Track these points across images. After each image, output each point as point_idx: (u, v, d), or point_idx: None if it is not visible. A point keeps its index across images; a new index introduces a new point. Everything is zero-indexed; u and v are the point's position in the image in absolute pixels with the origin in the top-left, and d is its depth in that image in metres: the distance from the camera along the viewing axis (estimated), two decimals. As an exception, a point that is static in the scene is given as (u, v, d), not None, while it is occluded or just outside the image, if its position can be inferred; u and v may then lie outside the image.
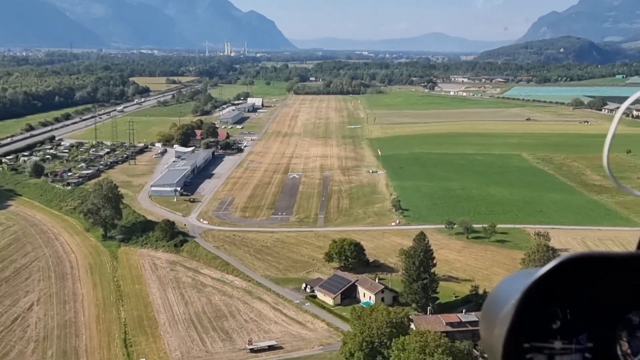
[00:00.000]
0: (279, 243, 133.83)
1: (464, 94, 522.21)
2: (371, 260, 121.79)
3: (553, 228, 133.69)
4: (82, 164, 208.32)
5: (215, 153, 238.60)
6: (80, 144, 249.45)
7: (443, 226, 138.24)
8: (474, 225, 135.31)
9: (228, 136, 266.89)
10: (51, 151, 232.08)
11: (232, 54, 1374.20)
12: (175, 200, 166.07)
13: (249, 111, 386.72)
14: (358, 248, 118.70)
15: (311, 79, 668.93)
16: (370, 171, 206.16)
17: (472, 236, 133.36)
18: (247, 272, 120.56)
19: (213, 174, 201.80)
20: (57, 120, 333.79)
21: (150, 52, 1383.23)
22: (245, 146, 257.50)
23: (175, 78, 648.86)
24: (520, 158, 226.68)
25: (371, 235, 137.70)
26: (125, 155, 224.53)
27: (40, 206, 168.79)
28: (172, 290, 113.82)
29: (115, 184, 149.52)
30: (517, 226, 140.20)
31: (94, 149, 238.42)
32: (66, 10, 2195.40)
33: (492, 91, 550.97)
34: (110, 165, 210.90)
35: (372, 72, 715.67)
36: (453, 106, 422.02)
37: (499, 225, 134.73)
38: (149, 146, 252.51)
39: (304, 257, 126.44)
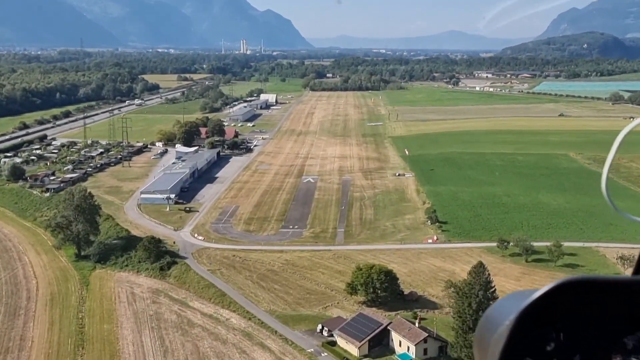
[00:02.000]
0: (289, 266, 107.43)
1: (491, 89, 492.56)
2: (406, 292, 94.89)
3: (633, 247, 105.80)
4: (69, 166, 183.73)
5: (221, 153, 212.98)
6: (73, 144, 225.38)
7: (493, 245, 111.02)
8: (534, 244, 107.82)
9: (236, 135, 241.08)
10: (38, 151, 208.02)
11: (248, 52, 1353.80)
12: (167, 209, 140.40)
13: (261, 108, 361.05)
14: (390, 278, 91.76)
15: (328, 75, 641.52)
16: (397, 174, 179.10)
17: (533, 258, 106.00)
18: (247, 306, 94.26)
19: (216, 178, 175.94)
20: (56, 118, 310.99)
21: (166, 50, 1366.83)
22: (255, 146, 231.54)
23: (187, 75, 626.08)
24: (568, 158, 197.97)
25: (403, 255, 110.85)
26: (120, 156, 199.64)
27: (12, 216, 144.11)
28: (150, 332, 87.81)
29: (89, 193, 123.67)
30: (586, 244, 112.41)
31: (86, 149, 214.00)
32: (84, 10, 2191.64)
33: (520, 86, 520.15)
34: (101, 168, 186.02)
35: (392, 68, 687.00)
36: (481, 102, 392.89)
37: (564, 244, 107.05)
38: (149, 146, 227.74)
39: (319, 287, 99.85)
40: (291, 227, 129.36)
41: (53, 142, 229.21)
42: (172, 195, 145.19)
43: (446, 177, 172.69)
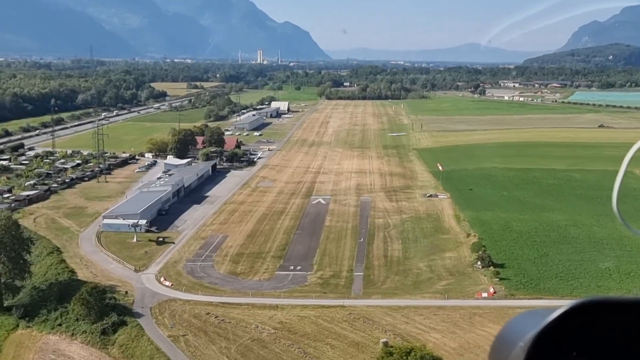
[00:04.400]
0: (285, 333, 74.41)
1: (521, 98, 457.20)
2: (461, 389, 61.50)
3: None
4: (33, 181, 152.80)
5: (218, 166, 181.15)
6: (50, 154, 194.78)
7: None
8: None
9: (238, 145, 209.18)
10: (5, 163, 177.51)
11: (265, 62, 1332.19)
12: (134, 240, 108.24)
13: (271, 116, 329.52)
14: (437, 371, 58.43)
15: (345, 84, 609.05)
16: (428, 195, 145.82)
17: None
18: (216, 403, 61.46)
19: (206, 197, 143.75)
20: (45, 125, 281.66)
21: (182, 61, 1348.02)
22: (259, 158, 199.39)
23: (198, 83, 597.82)
24: (636, 177, 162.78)
25: (449, 318, 77.35)
26: (97, 169, 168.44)
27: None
28: None
29: (15, 222, 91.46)
30: None
31: (62, 161, 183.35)
32: (102, 22, 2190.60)
33: (552, 96, 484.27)
34: (71, 183, 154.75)
35: (412, 77, 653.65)
36: (512, 112, 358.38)
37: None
38: (137, 157, 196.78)
39: (327, 373, 66.84)
40: (292, 267, 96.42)
41: (27, 152, 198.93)
42: (143, 222, 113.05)
43: (490, 200, 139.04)
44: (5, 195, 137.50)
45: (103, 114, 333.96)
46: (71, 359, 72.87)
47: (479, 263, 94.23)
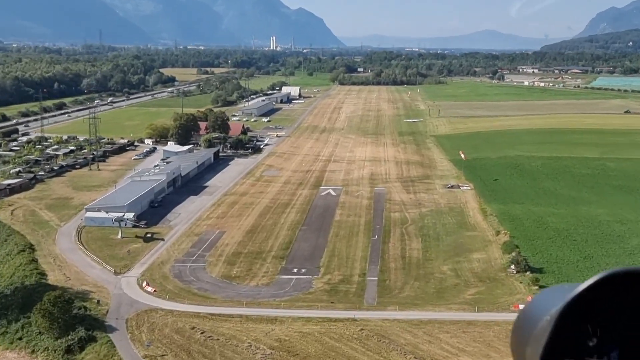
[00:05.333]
0: (283, 355, 61.68)
1: (542, 84, 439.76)
2: None
3: None
4: (19, 168, 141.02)
5: (222, 153, 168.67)
6: (44, 139, 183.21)
7: None
8: None
9: (244, 131, 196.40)
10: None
11: (278, 49, 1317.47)
12: (119, 236, 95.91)
13: (282, 102, 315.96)
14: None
15: (359, 69, 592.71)
16: (449, 185, 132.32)
17: None
18: None
19: (205, 187, 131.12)
20: (45, 110, 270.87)
21: (195, 47, 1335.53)
22: (265, 144, 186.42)
23: (208, 69, 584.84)
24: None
25: (481, 337, 64.23)
26: (91, 156, 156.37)
27: None
28: None
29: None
30: None
31: (56, 147, 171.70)
32: (116, 7, 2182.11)
33: (573, 82, 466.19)
34: (60, 171, 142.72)
35: (428, 62, 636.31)
36: (534, 97, 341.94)
37: None
38: (137, 143, 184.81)
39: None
40: (295, 270, 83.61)
41: (20, 138, 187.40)
42: (130, 215, 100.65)
43: (518, 191, 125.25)
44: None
45: (109, 99, 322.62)
46: (27, 383, 60.81)
47: (512, 267, 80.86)
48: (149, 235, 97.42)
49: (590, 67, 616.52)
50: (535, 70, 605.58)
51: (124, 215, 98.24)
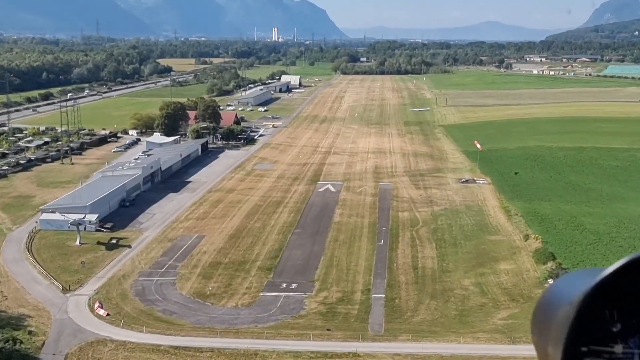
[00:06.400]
0: (261, 408, 46.90)
1: (552, 72, 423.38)
2: None
3: None
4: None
5: (211, 145, 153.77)
6: (19, 130, 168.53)
7: None
8: None
9: (237, 120, 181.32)
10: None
11: (280, 40, 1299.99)
12: (77, 243, 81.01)
13: (281, 91, 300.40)
14: None
15: (362, 59, 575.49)
16: (463, 180, 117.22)
17: None
18: None
19: (187, 183, 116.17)
20: (30, 100, 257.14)
21: (197, 39, 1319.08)
22: (260, 135, 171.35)
23: (207, 59, 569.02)
24: None
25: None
26: (66, 149, 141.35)
27: None
28: None
29: None
30: None
31: (29, 139, 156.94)
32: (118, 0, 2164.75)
33: (583, 70, 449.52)
34: (27, 165, 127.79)
35: (433, 52, 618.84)
36: (545, 85, 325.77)
37: None
38: (120, 134, 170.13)
39: None
40: (285, 285, 68.68)
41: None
42: (93, 217, 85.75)
43: (543, 186, 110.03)
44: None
45: (99, 89, 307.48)
46: None
47: (551, 281, 65.70)
48: (114, 241, 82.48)
49: (599, 56, 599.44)
50: (543, 59, 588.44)
51: (84, 218, 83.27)
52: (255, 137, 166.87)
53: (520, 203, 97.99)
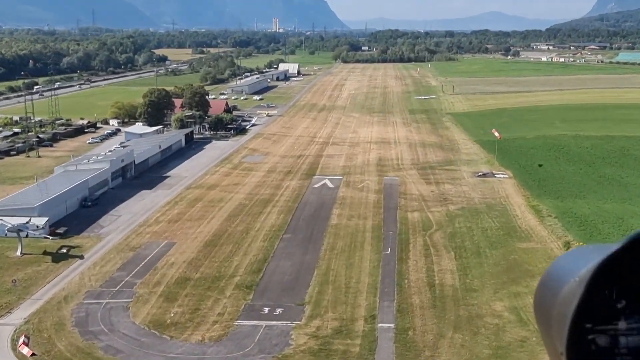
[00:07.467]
0: None
1: (562, 59, 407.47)
2: None
3: None
4: None
5: (197, 135, 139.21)
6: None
7: None
8: None
9: (228, 109, 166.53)
10: None
11: (280, 31, 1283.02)
12: (18, 253, 66.52)
13: (278, 79, 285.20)
14: None
15: (363, 48, 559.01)
16: (480, 173, 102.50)
17: None
18: None
19: (165, 178, 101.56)
20: (13, 89, 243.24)
21: (197, 31, 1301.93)
22: (252, 125, 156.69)
23: (205, 49, 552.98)
24: None
25: None
26: (35, 140, 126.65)
27: None
28: None
29: None
30: None
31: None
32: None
33: (594, 57, 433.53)
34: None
35: (436, 40, 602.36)
36: (556, 73, 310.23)
37: None
38: (100, 124, 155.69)
39: None
40: (267, 310, 54.04)
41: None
42: (41, 221, 71.21)
43: (573, 181, 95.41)
44: None
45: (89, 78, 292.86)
46: None
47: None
48: (64, 250, 67.98)
49: (608, 44, 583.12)
50: (550, 47, 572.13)
51: (28, 222, 68.75)
52: (246, 127, 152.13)
53: (551, 201, 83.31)
